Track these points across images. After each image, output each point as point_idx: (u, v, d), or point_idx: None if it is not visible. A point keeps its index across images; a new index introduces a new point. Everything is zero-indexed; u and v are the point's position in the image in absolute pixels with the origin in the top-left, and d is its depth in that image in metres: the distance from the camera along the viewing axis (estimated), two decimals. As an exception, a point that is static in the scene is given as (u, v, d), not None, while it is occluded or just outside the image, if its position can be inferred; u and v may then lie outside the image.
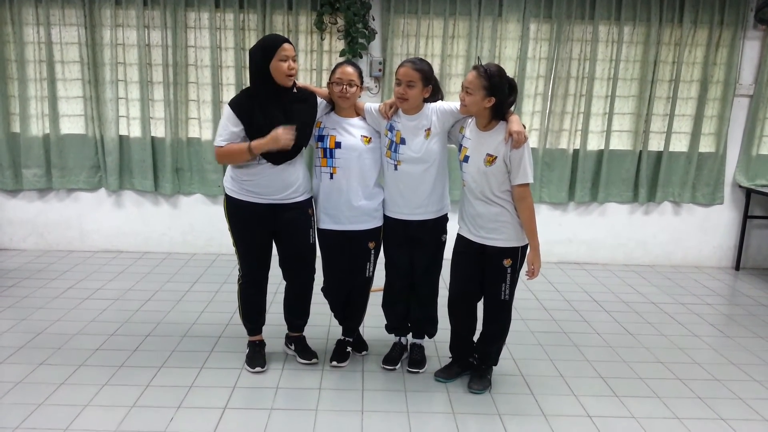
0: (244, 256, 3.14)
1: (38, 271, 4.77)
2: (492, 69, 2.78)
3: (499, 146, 2.81)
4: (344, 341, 3.43)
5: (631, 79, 5.19)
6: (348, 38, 4.89)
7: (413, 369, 3.27)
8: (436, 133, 3.01)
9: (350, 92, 2.99)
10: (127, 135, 5.18)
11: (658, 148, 5.31)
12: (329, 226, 3.14)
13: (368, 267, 3.22)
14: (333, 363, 3.31)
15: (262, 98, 2.92)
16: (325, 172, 3.08)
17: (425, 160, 3.01)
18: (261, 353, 3.29)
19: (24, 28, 4.97)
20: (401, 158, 3.03)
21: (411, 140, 3.01)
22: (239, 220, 3.07)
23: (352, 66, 3.03)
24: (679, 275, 5.28)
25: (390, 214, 3.15)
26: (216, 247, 5.35)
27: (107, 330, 3.68)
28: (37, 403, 2.84)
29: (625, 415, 2.92)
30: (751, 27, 5.11)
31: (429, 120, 3.00)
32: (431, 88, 2.98)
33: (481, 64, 2.84)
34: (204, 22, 5.00)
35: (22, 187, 5.24)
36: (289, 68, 2.87)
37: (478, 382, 3.11)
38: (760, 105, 5.23)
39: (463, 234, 3.04)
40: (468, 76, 2.81)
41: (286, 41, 2.88)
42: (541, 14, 5.02)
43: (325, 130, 3.08)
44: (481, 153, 2.85)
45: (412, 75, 2.90)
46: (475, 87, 2.77)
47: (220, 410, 2.83)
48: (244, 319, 3.31)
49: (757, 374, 3.40)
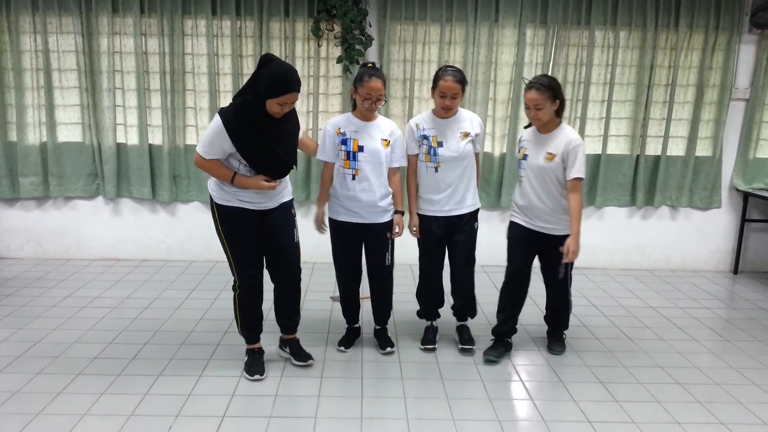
0: (239, 262, 3.13)
1: (36, 280, 4.75)
2: (544, 80, 3.24)
3: (558, 146, 3.27)
4: (381, 329, 3.66)
5: (627, 84, 5.21)
6: (345, 45, 4.90)
7: (468, 346, 3.59)
8: (471, 139, 3.41)
9: (378, 106, 3.25)
10: (124, 142, 5.18)
11: (655, 152, 5.32)
12: (346, 218, 3.34)
13: (387, 256, 3.46)
14: (387, 349, 3.54)
15: (256, 119, 2.89)
16: (347, 173, 3.29)
17: (463, 158, 3.39)
18: (260, 361, 3.29)
19: (21, 36, 4.97)
20: (440, 160, 3.38)
21: (448, 141, 3.37)
22: (232, 226, 3.08)
23: (380, 79, 3.18)
24: (678, 279, 5.28)
25: (427, 212, 3.47)
26: (214, 254, 5.32)
27: (105, 338, 3.67)
28: (35, 412, 2.82)
29: (625, 420, 2.91)
30: (747, 31, 5.13)
31: (468, 126, 3.40)
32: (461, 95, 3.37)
33: (532, 81, 3.25)
34: (201, 30, 5.01)
35: (20, 196, 5.23)
36: (281, 111, 2.91)
37: (558, 345, 3.66)
38: (756, 108, 5.24)
39: (518, 222, 3.46)
40: (530, 96, 3.21)
41: (295, 90, 2.86)
42: (538, 19, 5.04)
43: (347, 134, 3.28)
44: (541, 152, 3.31)
45: (455, 88, 3.26)
46: (542, 101, 3.20)
47: (219, 418, 2.82)
48: (242, 329, 3.29)
49: (756, 378, 3.40)
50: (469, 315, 3.74)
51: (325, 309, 4.26)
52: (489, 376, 3.33)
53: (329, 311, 4.22)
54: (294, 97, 2.90)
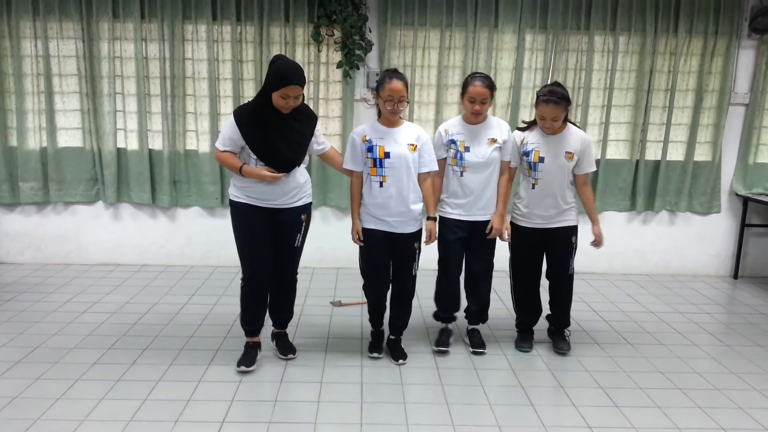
0: (248, 257, 3.27)
1: (35, 285, 4.75)
2: (560, 92, 3.32)
3: (575, 145, 3.45)
4: (396, 339, 3.60)
5: (627, 89, 5.21)
6: (345, 50, 4.91)
7: (480, 350, 3.63)
8: (499, 146, 3.44)
9: (400, 108, 3.25)
10: (124, 147, 5.18)
11: (655, 157, 5.33)
12: (374, 226, 3.34)
13: (414, 267, 3.45)
14: (400, 361, 3.49)
15: (262, 112, 3.10)
16: (375, 180, 3.28)
17: (489, 164, 3.43)
18: (251, 354, 3.38)
19: (21, 41, 4.98)
20: (466, 165, 3.41)
21: (475, 147, 3.41)
22: (243, 221, 3.25)
23: (401, 81, 3.21)
24: (678, 284, 5.28)
25: (450, 215, 3.49)
26: (214, 259, 5.34)
27: (105, 344, 3.67)
28: (34, 418, 2.82)
29: (625, 425, 2.91)
30: (746, 36, 5.14)
31: (496, 132, 3.43)
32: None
33: (546, 94, 3.30)
34: (201, 35, 5.02)
35: (20, 201, 5.23)
36: (285, 105, 3.05)
37: (565, 343, 3.73)
38: (755, 113, 5.25)
39: (526, 226, 3.55)
40: (549, 110, 3.30)
41: (295, 83, 3.01)
42: (537, 25, 5.05)
43: (373, 141, 3.27)
44: (559, 152, 3.43)
45: (484, 93, 3.32)
46: (560, 113, 3.33)
47: (219, 424, 2.82)
48: (242, 321, 3.40)
49: (756, 383, 3.39)
50: (482, 320, 3.76)
51: (325, 314, 4.26)
52: (489, 381, 3.33)
53: (329, 316, 4.22)
54: (296, 91, 3.03)
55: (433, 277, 3.71)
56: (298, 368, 3.41)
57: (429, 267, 3.70)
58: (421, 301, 4.29)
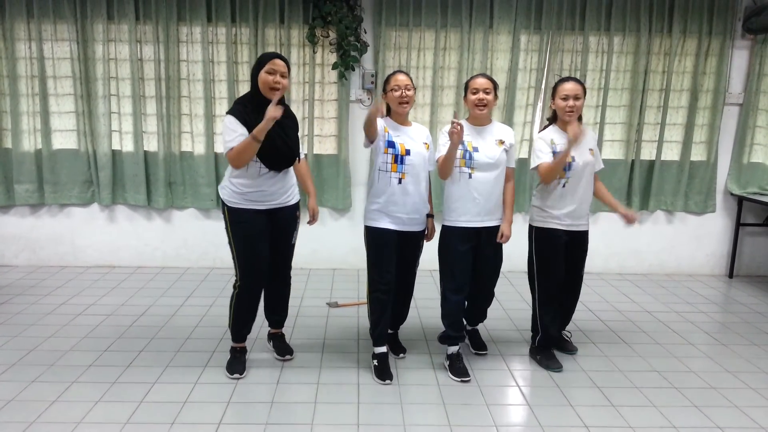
0: (246, 265, 3.22)
1: (30, 287, 4.74)
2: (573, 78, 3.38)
3: (591, 141, 3.46)
4: (394, 334, 3.65)
5: (621, 89, 5.23)
6: (340, 51, 4.91)
7: (483, 351, 3.66)
8: (506, 148, 3.34)
9: (409, 96, 3.23)
10: (119, 149, 5.17)
11: (650, 156, 5.35)
12: (387, 225, 3.27)
13: (417, 265, 3.48)
14: (401, 355, 3.58)
15: (257, 108, 3.04)
16: (394, 177, 3.24)
17: (497, 166, 3.30)
18: (241, 360, 3.37)
19: (16, 43, 4.97)
20: (475, 165, 3.27)
21: (483, 147, 3.29)
22: (243, 229, 3.18)
23: (403, 73, 3.27)
24: (673, 283, 5.30)
25: (457, 223, 3.32)
26: (210, 260, 5.33)
27: (100, 346, 3.66)
28: (29, 421, 2.81)
29: (622, 425, 2.91)
30: (740, 36, 5.17)
31: (504, 135, 3.35)
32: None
33: (566, 76, 3.38)
34: (196, 36, 5.02)
35: (14, 203, 5.22)
36: (273, 81, 3.02)
37: (571, 344, 3.76)
38: (749, 113, 5.28)
39: (557, 227, 3.42)
40: (571, 87, 3.31)
41: (279, 57, 3.06)
42: (532, 26, 5.06)
43: (392, 136, 3.25)
44: (584, 150, 3.39)
45: (486, 84, 3.26)
46: (581, 92, 3.32)
47: (215, 426, 2.81)
48: (230, 326, 3.37)
49: (752, 382, 3.40)
50: (481, 320, 3.77)
51: (321, 315, 4.26)
52: (486, 381, 3.33)
53: (326, 317, 4.21)
54: (280, 66, 3.02)
55: (427, 277, 3.70)
56: (295, 370, 3.41)
57: (423, 267, 3.68)
58: (417, 302, 4.29)
